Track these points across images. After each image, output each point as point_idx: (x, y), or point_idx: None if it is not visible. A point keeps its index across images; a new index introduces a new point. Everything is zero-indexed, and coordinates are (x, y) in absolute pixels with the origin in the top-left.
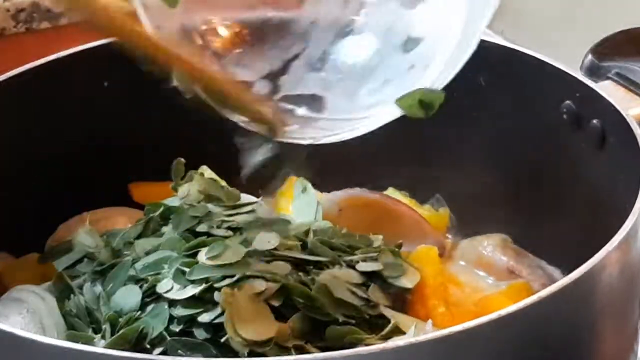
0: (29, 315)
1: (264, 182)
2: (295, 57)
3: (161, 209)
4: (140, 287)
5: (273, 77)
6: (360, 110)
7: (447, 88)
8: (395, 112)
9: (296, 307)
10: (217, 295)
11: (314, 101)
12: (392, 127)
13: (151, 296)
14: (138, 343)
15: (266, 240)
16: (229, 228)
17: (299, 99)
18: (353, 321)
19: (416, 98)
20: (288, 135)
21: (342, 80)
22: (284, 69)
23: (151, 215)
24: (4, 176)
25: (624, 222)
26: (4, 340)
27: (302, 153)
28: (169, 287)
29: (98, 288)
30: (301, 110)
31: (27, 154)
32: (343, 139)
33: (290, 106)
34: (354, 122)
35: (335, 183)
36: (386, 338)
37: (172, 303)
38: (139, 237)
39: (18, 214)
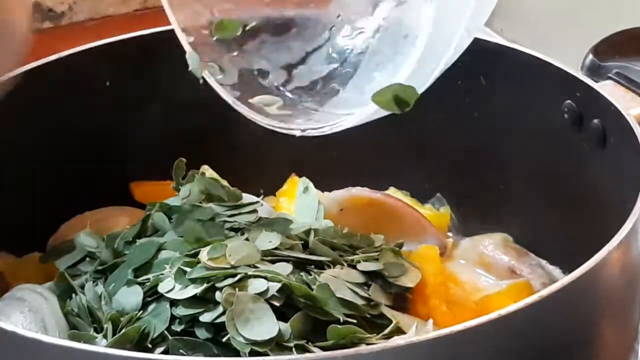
0: (31, 314)
1: (265, 181)
2: (316, 49)
3: (162, 208)
4: (142, 286)
5: (290, 67)
6: (363, 105)
7: (447, 88)
8: (372, 110)
9: (297, 306)
10: (218, 295)
11: (319, 93)
12: (392, 127)
13: (152, 296)
14: (140, 342)
15: (267, 240)
16: (230, 228)
17: (305, 90)
18: (354, 321)
19: (391, 94)
20: (277, 123)
21: (355, 74)
22: (302, 60)
23: (148, 214)
24: (5, 176)
25: (624, 221)
26: (5, 339)
27: (302, 153)
28: (170, 286)
29: (100, 287)
30: (305, 102)
31: (28, 154)
32: (324, 133)
33: (295, 96)
34: (342, 117)
35: (337, 182)
36: (387, 337)
37: (174, 303)
38: (138, 236)
39: (20, 213)
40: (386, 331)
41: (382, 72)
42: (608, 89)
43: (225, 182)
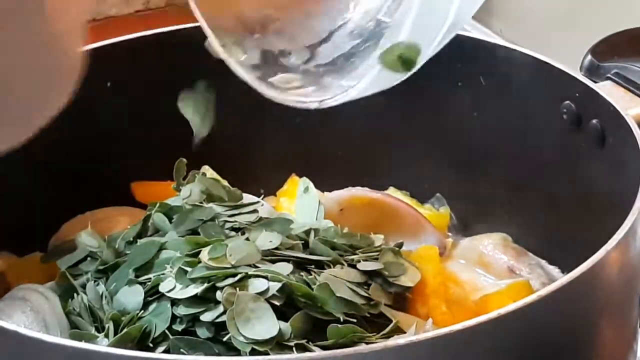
0: (33, 314)
1: (265, 181)
2: (340, 26)
3: (163, 208)
4: (143, 286)
5: (314, 46)
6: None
7: (447, 88)
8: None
9: (298, 306)
10: (219, 295)
11: (340, 69)
12: (392, 127)
13: (153, 295)
14: (141, 342)
15: (268, 240)
16: (231, 228)
17: (325, 66)
18: (354, 320)
19: (396, 53)
20: (293, 98)
21: (376, 49)
22: (326, 39)
23: (149, 214)
24: (6, 176)
25: (623, 221)
26: (7, 338)
27: (302, 153)
28: (171, 286)
29: (101, 287)
30: (325, 77)
31: (29, 154)
32: (340, 102)
33: (315, 71)
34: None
35: (337, 182)
36: (387, 337)
37: (175, 302)
38: (139, 236)
39: (21, 213)
40: (386, 330)
41: None
42: (607, 89)
43: (225, 182)
